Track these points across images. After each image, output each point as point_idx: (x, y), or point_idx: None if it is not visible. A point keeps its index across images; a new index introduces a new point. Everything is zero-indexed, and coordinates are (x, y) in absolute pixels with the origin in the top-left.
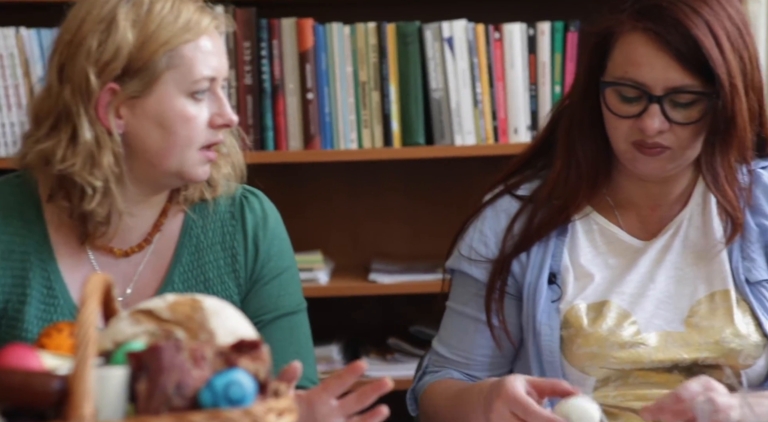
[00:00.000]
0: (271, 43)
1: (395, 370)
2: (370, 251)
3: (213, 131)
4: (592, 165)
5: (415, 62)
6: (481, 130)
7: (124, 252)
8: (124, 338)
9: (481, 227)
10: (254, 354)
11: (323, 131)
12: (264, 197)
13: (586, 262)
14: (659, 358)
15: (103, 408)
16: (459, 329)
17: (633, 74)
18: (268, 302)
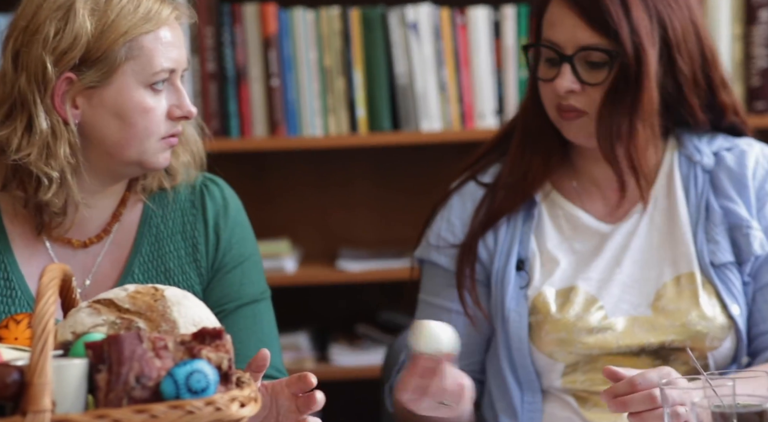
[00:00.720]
0: (234, 29)
1: (364, 357)
2: (338, 239)
3: (172, 122)
4: (544, 138)
5: (380, 48)
6: (447, 115)
7: (82, 243)
8: (84, 329)
9: (448, 215)
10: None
11: (288, 117)
12: (225, 185)
13: (552, 247)
14: (626, 343)
15: (62, 400)
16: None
17: (548, 35)
18: (230, 291)
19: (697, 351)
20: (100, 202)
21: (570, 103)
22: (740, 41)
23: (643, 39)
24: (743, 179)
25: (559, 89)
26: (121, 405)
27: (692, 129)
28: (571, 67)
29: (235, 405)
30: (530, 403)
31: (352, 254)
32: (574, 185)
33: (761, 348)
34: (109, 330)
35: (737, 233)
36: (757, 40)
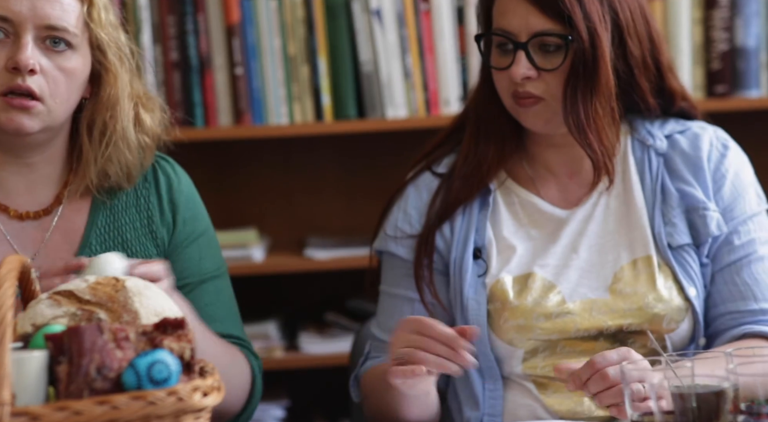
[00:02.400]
0: (197, 18)
1: (333, 345)
2: (306, 227)
3: (11, 75)
4: (498, 126)
5: (344, 35)
6: (412, 102)
7: (35, 214)
8: (44, 320)
9: (405, 206)
10: (179, 334)
11: (253, 106)
12: (175, 164)
13: (509, 234)
14: (585, 326)
15: (22, 392)
16: (394, 311)
17: (501, 24)
18: (190, 265)
19: (655, 333)
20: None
21: (527, 90)
22: (700, 25)
23: (595, 23)
24: (698, 162)
25: (516, 76)
26: (82, 397)
27: (643, 115)
28: (525, 54)
29: (198, 395)
30: (491, 390)
31: (320, 243)
32: (528, 172)
33: (720, 329)
34: (70, 322)
35: (694, 214)
36: (717, 24)
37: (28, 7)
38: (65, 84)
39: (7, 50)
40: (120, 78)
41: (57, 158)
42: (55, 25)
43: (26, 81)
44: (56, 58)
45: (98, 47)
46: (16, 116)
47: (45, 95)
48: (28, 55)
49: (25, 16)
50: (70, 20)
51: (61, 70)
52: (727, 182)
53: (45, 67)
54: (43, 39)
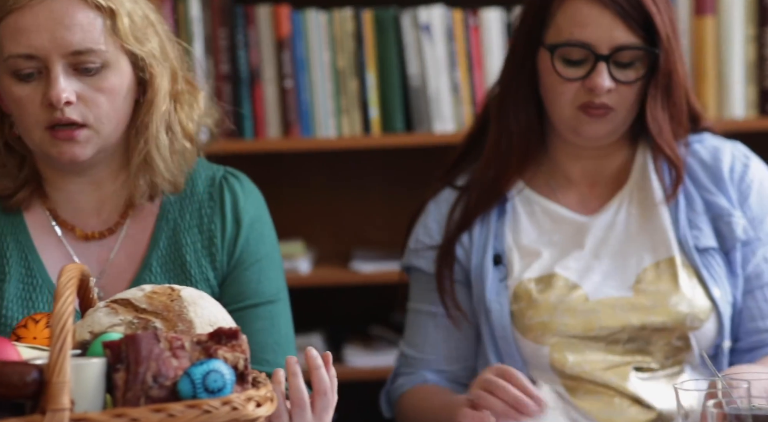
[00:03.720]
0: (248, 31)
1: (377, 358)
2: (351, 240)
3: (49, 110)
4: (524, 135)
5: (392, 49)
6: (460, 116)
7: (99, 234)
8: (102, 328)
9: (425, 220)
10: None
11: (302, 119)
12: (246, 180)
13: (530, 242)
14: (608, 324)
15: (80, 399)
16: (419, 327)
17: (579, 35)
18: (247, 289)
19: (678, 331)
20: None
21: (603, 102)
22: (754, 42)
23: (672, 39)
24: (719, 173)
25: (600, 89)
26: (138, 405)
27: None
28: (607, 67)
29: (252, 405)
30: None
31: (366, 255)
32: (547, 181)
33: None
34: (127, 330)
35: (719, 222)
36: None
37: (48, 39)
38: (107, 103)
39: (41, 86)
40: (158, 79)
41: (119, 172)
42: (79, 49)
43: (65, 113)
44: (91, 81)
45: (132, 54)
46: (67, 148)
47: (89, 120)
48: (60, 89)
49: (48, 49)
50: (95, 39)
51: (99, 91)
52: (753, 192)
53: (82, 92)
54: (73, 65)
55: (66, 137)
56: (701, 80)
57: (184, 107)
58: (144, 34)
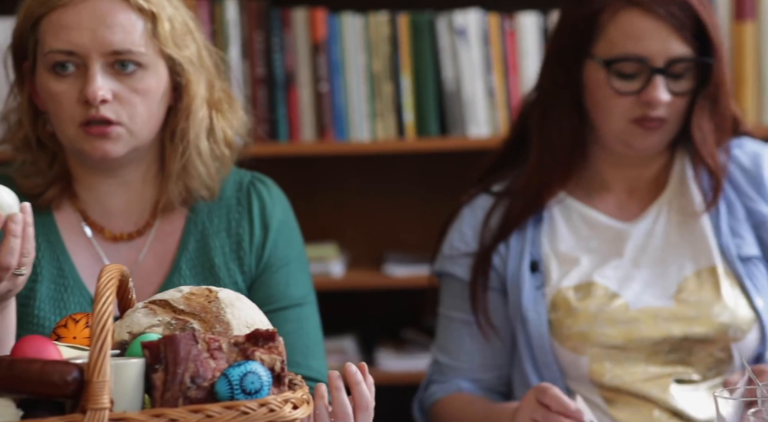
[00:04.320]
0: (284, 34)
1: (410, 362)
2: (385, 243)
3: (85, 107)
4: (568, 150)
5: (428, 53)
6: (495, 121)
7: (128, 235)
8: (140, 329)
9: (460, 226)
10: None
11: (336, 122)
12: (272, 185)
13: (568, 249)
14: (650, 334)
15: (120, 399)
16: (453, 335)
17: (634, 49)
18: (275, 292)
19: (720, 342)
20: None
21: (659, 114)
22: None
23: (722, 49)
24: (759, 178)
25: (658, 102)
26: (177, 405)
27: None
28: (663, 79)
29: (288, 407)
30: None
31: (398, 259)
32: (585, 188)
33: None
34: (165, 331)
35: (761, 229)
36: None
37: (89, 37)
38: (142, 104)
39: (78, 83)
40: (194, 87)
41: (150, 174)
42: (119, 49)
43: (100, 111)
44: (128, 81)
45: (169, 59)
46: (99, 144)
47: (123, 119)
48: (97, 87)
49: (88, 46)
50: (135, 41)
51: (135, 91)
52: None
53: (118, 91)
54: (111, 64)
55: (99, 132)
56: (740, 85)
57: (225, 115)
58: (183, 41)
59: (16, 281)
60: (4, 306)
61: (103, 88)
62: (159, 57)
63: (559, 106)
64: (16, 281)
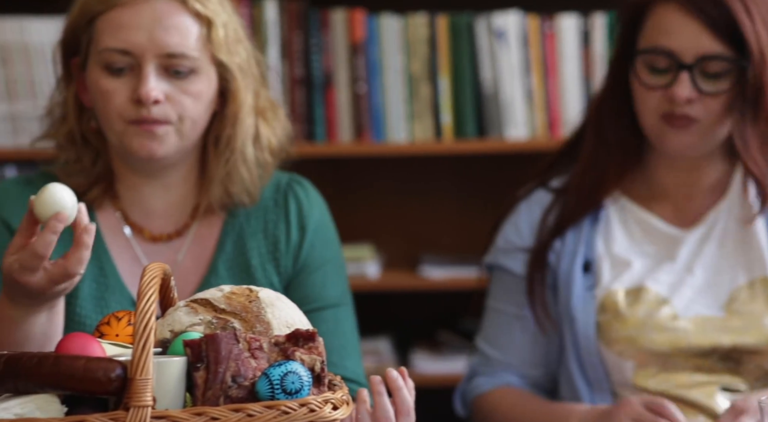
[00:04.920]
0: (322, 35)
1: (445, 364)
2: (420, 245)
3: (136, 106)
4: (621, 145)
5: (466, 54)
6: (533, 123)
7: (167, 236)
8: (182, 327)
9: (516, 220)
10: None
11: (373, 123)
12: (309, 187)
13: (621, 251)
14: (698, 342)
15: (162, 396)
16: (504, 328)
17: (663, 42)
18: (311, 293)
19: None
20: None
21: (685, 112)
22: None
23: (764, 47)
24: None
25: (680, 98)
26: (218, 404)
27: None
28: (690, 76)
29: (329, 407)
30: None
31: (434, 260)
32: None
33: None
34: (206, 330)
35: None
36: None
37: (146, 38)
38: (192, 107)
39: (131, 82)
40: (241, 94)
41: (191, 177)
42: (174, 52)
43: (151, 112)
44: (180, 83)
45: (220, 65)
46: (147, 142)
47: (172, 119)
48: (150, 88)
49: (144, 47)
50: (190, 45)
51: (186, 94)
52: None
53: (169, 93)
54: (165, 66)
55: (147, 129)
56: None
57: (270, 123)
58: (235, 47)
59: (72, 279)
60: (54, 304)
61: (156, 89)
62: (210, 62)
63: (612, 103)
64: (72, 279)
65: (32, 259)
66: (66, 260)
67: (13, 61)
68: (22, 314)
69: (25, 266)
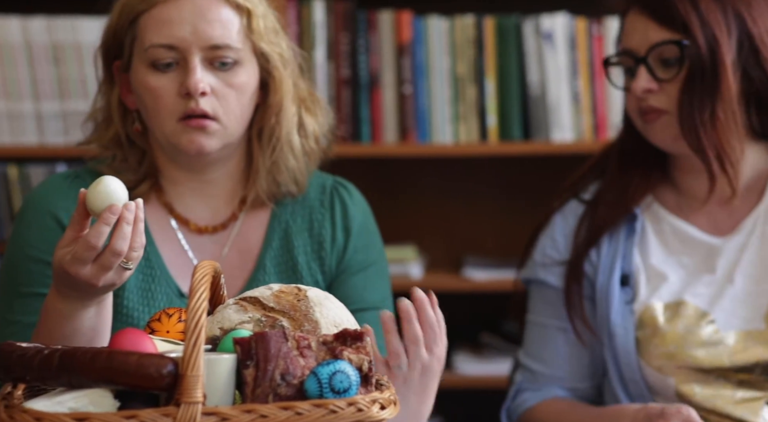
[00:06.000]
0: (369, 36)
1: (488, 366)
2: (464, 247)
3: (185, 100)
4: (643, 152)
5: (513, 56)
6: (579, 126)
7: (212, 228)
8: (231, 325)
9: (552, 233)
10: (357, 346)
11: (419, 124)
12: (354, 189)
13: (658, 262)
14: (740, 358)
15: (212, 393)
16: (547, 342)
17: (625, 44)
18: (353, 294)
19: None
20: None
21: (650, 104)
22: None
23: (714, 28)
24: None
25: (636, 90)
26: (267, 401)
27: None
28: (646, 68)
29: (376, 407)
30: None
31: (478, 263)
32: (677, 200)
33: None
34: (255, 328)
35: None
36: None
37: (190, 31)
38: (236, 100)
39: (178, 77)
40: (284, 83)
41: (235, 171)
42: (218, 44)
43: (199, 104)
44: (224, 76)
45: (262, 55)
46: (196, 137)
47: (219, 114)
48: (198, 79)
49: (189, 41)
50: (232, 36)
51: (230, 86)
52: None
53: (215, 86)
54: (209, 59)
55: (197, 124)
56: None
57: (312, 111)
58: (274, 38)
59: (122, 274)
60: (103, 298)
61: (203, 80)
62: (252, 53)
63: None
64: (122, 274)
65: (85, 250)
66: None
67: (66, 60)
68: (71, 308)
69: (77, 257)
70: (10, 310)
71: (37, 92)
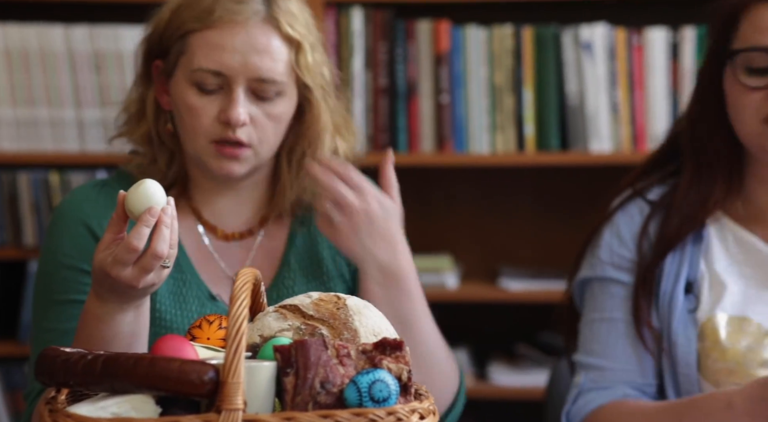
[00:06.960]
0: (407, 45)
1: (524, 377)
2: (499, 257)
3: (221, 126)
4: (725, 165)
5: (551, 66)
6: (618, 136)
7: (240, 235)
8: (271, 333)
9: (617, 231)
10: (396, 355)
11: (456, 134)
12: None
13: (720, 270)
14: None
15: (252, 400)
16: (616, 337)
17: (762, 41)
18: None
19: None
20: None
21: None
22: None
23: None
24: None
25: None
26: (306, 409)
27: None
28: None
29: (415, 417)
30: None
31: (514, 273)
32: (744, 212)
33: None
34: (295, 335)
35: None
36: None
37: (240, 61)
38: (273, 129)
39: (219, 102)
40: (323, 115)
41: (262, 182)
42: (265, 78)
43: (236, 133)
44: (264, 106)
45: (305, 87)
46: (226, 164)
47: (254, 142)
48: (240, 111)
49: (237, 70)
50: (279, 70)
51: (269, 116)
52: None
53: (254, 116)
54: (252, 90)
55: (231, 154)
56: None
57: (345, 137)
58: (319, 69)
59: (161, 274)
60: (141, 303)
61: (244, 112)
62: (295, 84)
63: (707, 117)
64: (161, 274)
65: (126, 252)
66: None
67: (107, 68)
68: (109, 312)
69: (118, 260)
70: (45, 318)
71: (79, 100)
